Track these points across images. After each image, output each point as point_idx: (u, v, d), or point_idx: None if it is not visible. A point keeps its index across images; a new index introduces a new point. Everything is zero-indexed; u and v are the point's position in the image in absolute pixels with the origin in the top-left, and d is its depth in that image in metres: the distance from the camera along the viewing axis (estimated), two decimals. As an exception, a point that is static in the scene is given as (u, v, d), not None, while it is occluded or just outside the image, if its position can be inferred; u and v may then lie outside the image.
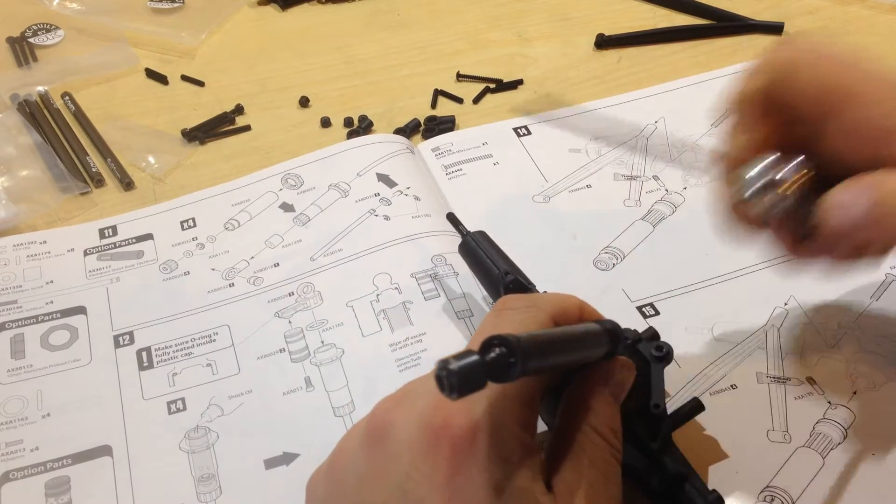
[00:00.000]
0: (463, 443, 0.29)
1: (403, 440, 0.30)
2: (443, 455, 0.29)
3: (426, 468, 0.29)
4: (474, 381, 0.24)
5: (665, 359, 0.39)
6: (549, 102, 0.66)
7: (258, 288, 0.53)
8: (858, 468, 0.42)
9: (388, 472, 0.30)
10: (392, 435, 0.30)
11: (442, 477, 0.28)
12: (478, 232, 0.48)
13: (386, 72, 0.71)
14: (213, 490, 0.43)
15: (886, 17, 0.73)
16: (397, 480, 0.29)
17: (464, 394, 0.24)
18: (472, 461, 0.29)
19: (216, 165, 0.62)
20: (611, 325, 0.35)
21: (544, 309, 0.34)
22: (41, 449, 0.45)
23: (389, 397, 0.33)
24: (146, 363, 0.49)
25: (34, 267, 0.54)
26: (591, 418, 0.33)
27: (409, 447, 0.29)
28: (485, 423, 0.29)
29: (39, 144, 0.63)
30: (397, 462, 0.30)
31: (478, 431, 0.29)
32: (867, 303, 0.50)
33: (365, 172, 0.59)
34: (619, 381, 0.35)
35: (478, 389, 0.24)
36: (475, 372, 0.24)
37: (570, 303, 0.36)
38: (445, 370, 0.24)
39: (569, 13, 0.76)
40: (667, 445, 0.38)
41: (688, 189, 0.58)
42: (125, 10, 0.76)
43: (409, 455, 0.29)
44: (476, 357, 0.24)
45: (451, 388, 0.24)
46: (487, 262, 0.46)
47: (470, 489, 0.28)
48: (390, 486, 0.29)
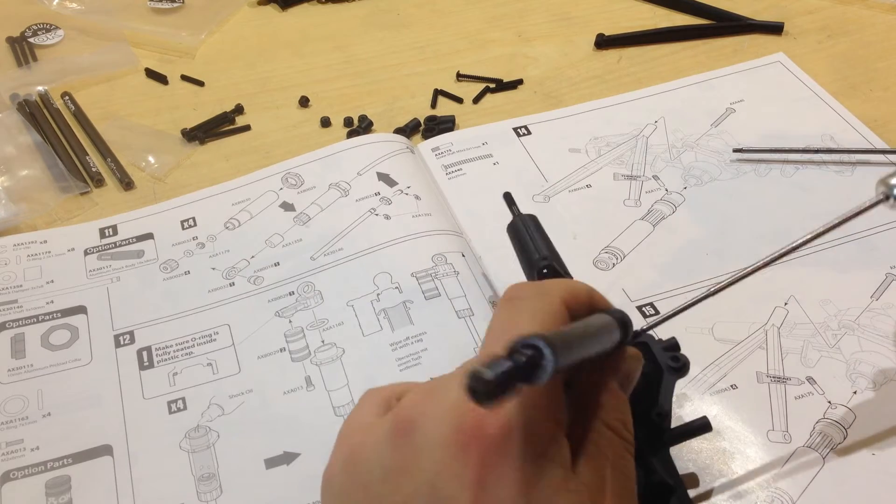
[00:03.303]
0: (495, 444, 0.29)
1: (433, 437, 0.29)
2: (475, 456, 0.28)
3: (457, 467, 0.28)
4: (507, 389, 0.23)
5: (681, 370, 0.38)
6: (549, 102, 0.67)
7: (258, 287, 0.53)
8: (858, 468, 0.42)
9: (416, 468, 0.29)
10: (421, 430, 0.30)
11: (473, 476, 0.28)
12: (528, 215, 0.47)
13: (386, 71, 0.71)
14: (214, 489, 0.43)
15: (886, 17, 0.74)
16: (426, 476, 0.29)
17: (498, 403, 0.23)
18: (504, 461, 0.28)
19: (216, 165, 0.62)
20: (621, 314, 0.34)
21: (556, 295, 0.33)
22: (42, 448, 0.45)
23: (417, 390, 0.32)
24: (147, 363, 0.49)
25: (34, 266, 0.54)
26: (603, 414, 0.32)
27: (439, 444, 0.29)
28: (517, 421, 0.29)
29: (39, 144, 0.63)
30: (427, 458, 0.29)
31: (510, 431, 0.29)
32: (867, 303, 0.50)
33: (365, 171, 0.59)
34: (627, 372, 0.34)
35: (511, 397, 0.24)
36: (509, 380, 0.23)
37: (580, 289, 0.35)
38: (479, 380, 0.23)
39: (569, 13, 0.76)
40: (663, 455, 0.38)
41: (688, 189, 0.58)
42: (125, 9, 0.76)
43: (440, 453, 0.29)
44: (509, 364, 0.24)
45: (485, 398, 0.23)
46: (530, 246, 0.45)
47: (501, 487, 0.28)
48: (418, 482, 0.29)
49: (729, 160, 0.60)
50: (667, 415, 0.38)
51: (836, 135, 0.61)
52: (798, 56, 0.69)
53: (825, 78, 0.67)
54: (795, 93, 0.65)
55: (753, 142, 0.61)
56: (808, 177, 0.58)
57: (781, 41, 0.71)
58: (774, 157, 0.60)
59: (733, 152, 0.60)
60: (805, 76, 0.67)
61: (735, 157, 0.60)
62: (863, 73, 0.68)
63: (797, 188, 0.58)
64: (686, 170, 0.59)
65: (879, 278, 0.51)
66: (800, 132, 0.62)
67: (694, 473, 0.43)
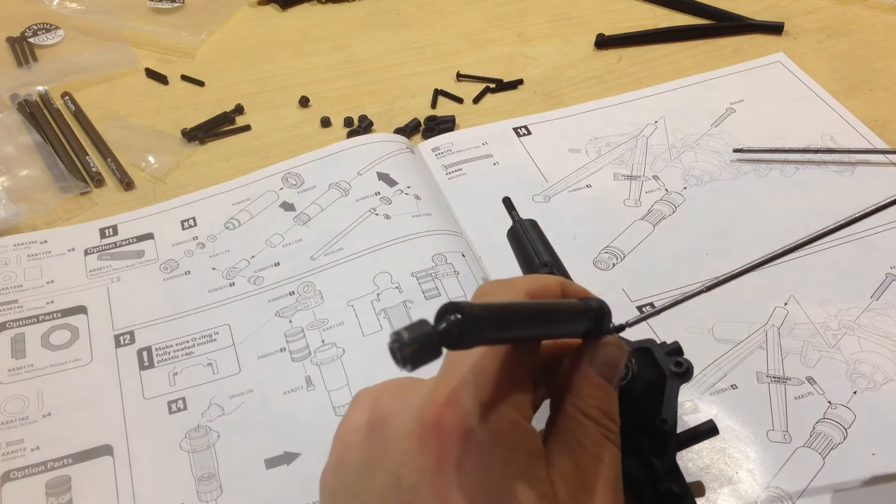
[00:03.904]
0: (454, 433, 0.29)
1: (399, 430, 0.30)
2: (434, 445, 0.29)
3: (419, 456, 0.29)
4: (428, 352, 0.24)
5: (684, 375, 0.37)
6: (549, 102, 0.67)
7: (259, 287, 0.53)
8: (858, 468, 0.42)
9: (384, 459, 0.30)
10: (389, 425, 0.31)
11: (433, 464, 0.29)
12: (528, 220, 0.47)
13: (386, 71, 0.71)
14: (214, 489, 0.43)
15: (886, 17, 0.74)
16: (392, 467, 0.30)
17: (418, 365, 0.23)
18: (463, 449, 0.29)
19: (216, 165, 0.62)
20: (596, 302, 0.34)
21: (521, 288, 0.33)
22: (42, 448, 0.45)
23: (392, 387, 0.33)
24: (147, 363, 0.49)
25: (35, 266, 0.54)
26: (579, 402, 0.32)
27: (404, 437, 0.30)
28: (475, 411, 0.29)
29: (39, 144, 0.63)
30: (393, 450, 0.30)
31: (467, 420, 0.29)
32: (867, 303, 0.50)
33: (365, 171, 0.59)
34: (607, 361, 0.34)
35: (433, 360, 0.24)
36: (428, 342, 0.23)
37: (550, 281, 0.34)
38: (398, 342, 0.23)
39: (569, 13, 0.76)
40: (670, 463, 0.36)
41: (688, 189, 0.58)
42: (125, 9, 0.76)
43: (404, 444, 0.30)
44: (428, 327, 0.24)
45: (404, 361, 0.23)
46: (530, 251, 0.45)
47: (461, 475, 0.29)
48: (386, 473, 0.30)
49: (729, 160, 0.60)
50: (671, 421, 0.37)
51: (836, 135, 0.61)
52: (798, 56, 0.69)
53: (825, 78, 0.67)
54: (795, 93, 0.65)
55: (753, 142, 0.61)
56: (808, 177, 0.59)
57: (781, 41, 0.71)
58: (774, 157, 0.60)
59: (733, 152, 0.60)
60: (805, 76, 0.67)
61: (735, 157, 0.60)
62: (863, 73, 0.68)
63: (797, 188, 0.58)
64: (686, 170, 0.59)
65: (879, 278, 0.51)
66: (800, 132, 0.62)
67: (700, 482, 0.42)
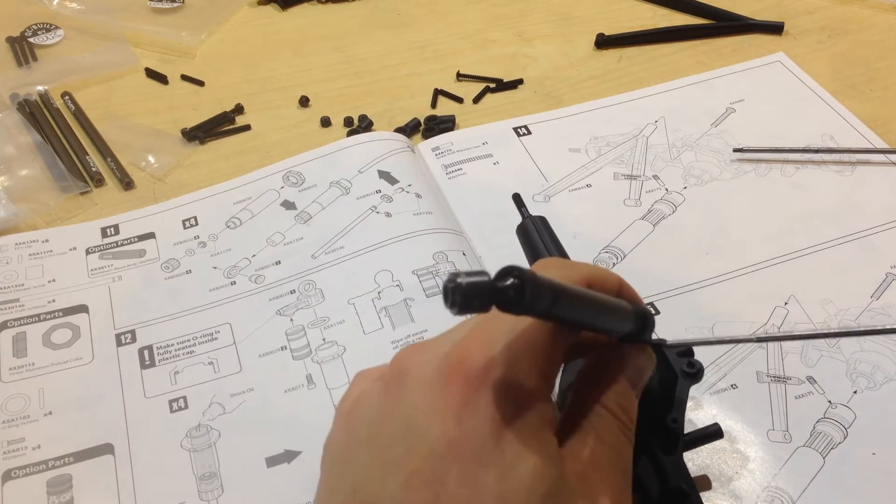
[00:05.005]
0: (476, 376, 0.29)
1: (419, 379, 0.30)
2: (454, 387, 0.28)
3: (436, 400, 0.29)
4: (478, 301, 0.24)
5: (695, 376, 0.38)
6: (549, 102, 0.67)
7: (260, 286, 0.53)
8: (858, 468, 0.43)
9: (398, 410, 0.30)
10: (408, 377, 0.30)
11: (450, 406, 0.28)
12: (538, 217, 0.47)
13: (386, 71, 0.71)
14: (215, 488, 0.43)
15: (886, 17, 0.74)
16: (404, 413, 0.29)
17: (465, 311, 0.24)
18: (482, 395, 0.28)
19: (216, 165, 0.62)
20: (643, 309, 0.34)
21: (580, 272, 0.33)
22: (43, 447, 0.45)
23: (412, 346, 0.33)
24: (148, 361, 0.49)
25: (36, 265, 0.54)
26: (602, 397, 0.32)
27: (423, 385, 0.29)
28: (501, 360, 0.29)
29: (39, 144, 0.63)
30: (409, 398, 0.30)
31: (492, 367, 0.29)
32: (867, 303, 0.50)
33: (366, 170, 0.59)
34: (636, 367, 0.34)
35: (481, 311, 0.24)
36: (482, 292, 0.24)
37: (609, 276, 0.35)
38: (453, 283, 0.23)
39: (569, 13, 0.76)
40: (677, 461, 0.37)
41: (688, 189, 0.58)
42: (125, 9, 0.76)
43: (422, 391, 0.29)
44: (487, 280, 0.24)
45: (453, 302, 0.23)
46: (540, 247, 0.45)
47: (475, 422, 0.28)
48: (397, 422, 0.29)
49: (729, 160, 0.60)
50: (682, 420, 0.37)
51: (836, 134, 0.62)
52: (798, 56, 0.69)
53: (825, 78, 0.67)
54: (795, 92, 0.66)
55: (753, 141, 0.61)
56: (808, 177, 0.59)
57: (781, 41, 0.72)
58: (774, 156, 0.60)
59: (733, 152, 0.60)
60: (805, 76, 0.67)
61: (735, 157, 0.60)
62: (863, 72, 0.68)
63: (797, 188, 0.58)
64: (686, 169, 0.60)
65: (879, 278, 0.52)
66: (800, 132, 0.62)
67: (706, 476, 0.42)
